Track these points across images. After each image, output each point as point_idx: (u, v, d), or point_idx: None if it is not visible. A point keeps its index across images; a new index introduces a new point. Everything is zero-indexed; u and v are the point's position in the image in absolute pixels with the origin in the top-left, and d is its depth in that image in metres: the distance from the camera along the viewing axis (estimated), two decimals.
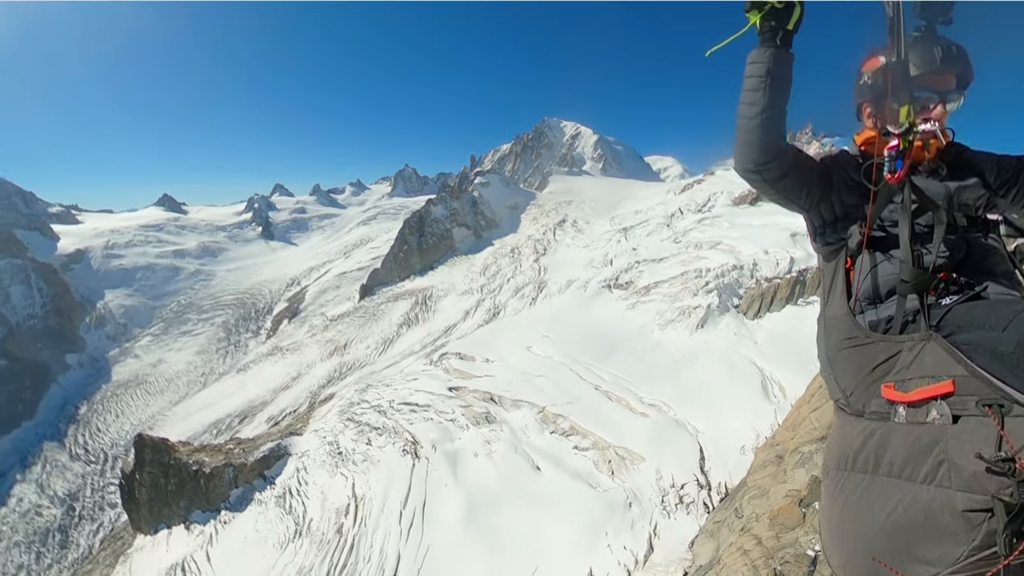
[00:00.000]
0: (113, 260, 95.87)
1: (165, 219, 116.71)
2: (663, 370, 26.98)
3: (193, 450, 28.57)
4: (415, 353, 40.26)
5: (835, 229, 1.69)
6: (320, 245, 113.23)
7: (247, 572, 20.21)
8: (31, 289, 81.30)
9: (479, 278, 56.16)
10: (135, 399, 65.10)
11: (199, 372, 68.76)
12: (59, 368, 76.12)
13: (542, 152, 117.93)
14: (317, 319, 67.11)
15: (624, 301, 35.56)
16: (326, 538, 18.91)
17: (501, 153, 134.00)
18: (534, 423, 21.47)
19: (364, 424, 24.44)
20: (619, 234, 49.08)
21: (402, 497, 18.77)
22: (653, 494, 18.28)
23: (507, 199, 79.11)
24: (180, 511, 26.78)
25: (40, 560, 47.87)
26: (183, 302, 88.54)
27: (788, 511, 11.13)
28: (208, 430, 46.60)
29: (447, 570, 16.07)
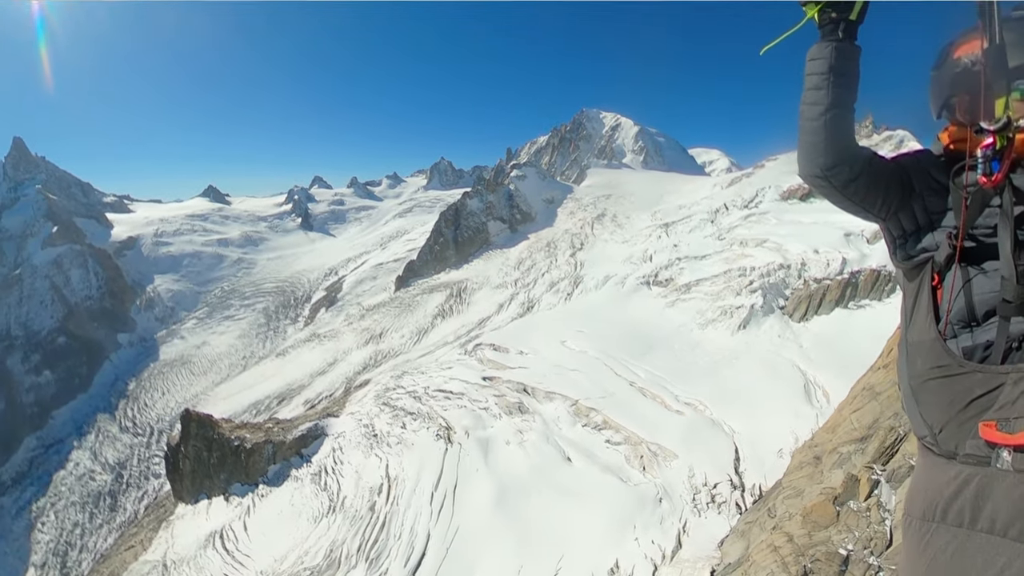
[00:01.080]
0: (162, 247, 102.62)
1: (210, 209, 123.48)
2: (701, 370, 26.80)
3: (235, 427, 30.48)
4: (449, 344, 41.31)
5: (918, 240, 1.51)
6: (357, 236, 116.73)
7: (282, 543, 21.60)
8: (88, 273, 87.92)
9: (513, 272, 56.79)
10: (180, 378, 69.89)
11: (240, 355, 72.95)
12: (112, 346, 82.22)
13: (580, 144, 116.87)
14: (354, 308, 69.58)
15: (663, 299, 35.35)
16: (359, 514, 19.98)
17: (538, 145, 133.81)
18: (567, 415, 21.86)
19: (399, 409, 25.51)
20: (660, 230, 48.54)
21: (434, 479, 19.60)
22: (684, 491, 18.37)
23: (543, 192, 79.26)
24: (220, 483, 28.62)
25: (93, 520, 53.54)
26: (226, 288, 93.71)
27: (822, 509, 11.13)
28: (248, 410, 49.35)
29: (475, 552, 16.73)
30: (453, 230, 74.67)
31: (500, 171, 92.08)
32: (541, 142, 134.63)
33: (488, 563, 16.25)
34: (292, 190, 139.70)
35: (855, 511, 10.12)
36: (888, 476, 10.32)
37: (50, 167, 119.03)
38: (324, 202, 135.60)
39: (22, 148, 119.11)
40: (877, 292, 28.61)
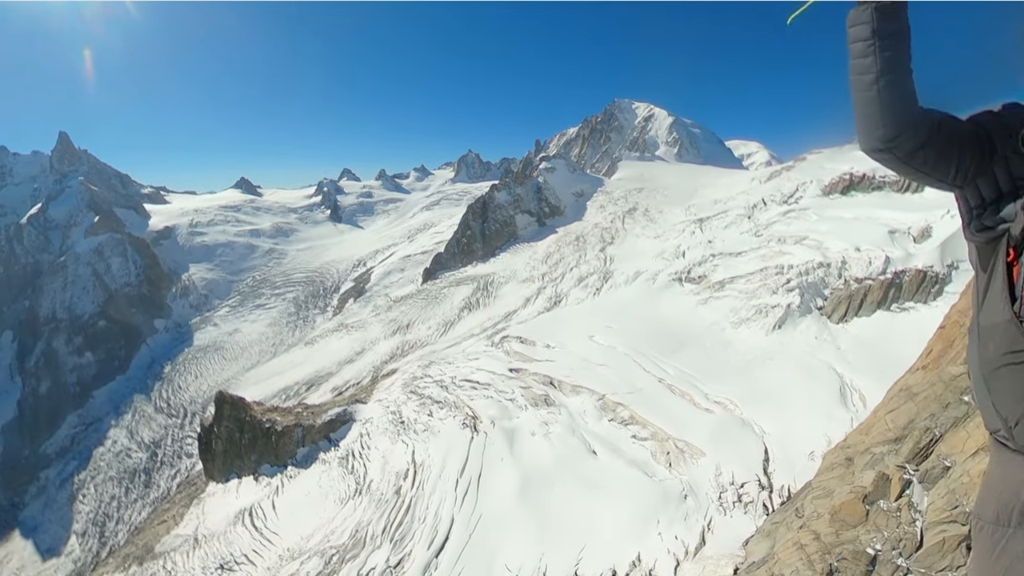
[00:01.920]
0: (196, 237, 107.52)
1: (242, 201, 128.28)
2: (733, 369, 26.65)
3: (266, 410, 31.91)
4: (475, 336, 42.07)
5: (998, 209, 1.37)
6: (385, 229, 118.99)
7: (308, 522, 22.68)
8: (127, 261, 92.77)
9: (541, 266, 57.10)
10: (213, 363, 73.38)
11: (270, 342, 76.00)
12: (148, 331, 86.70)
13: (611, 136, 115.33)
14: (381, 299, 71.27)
15: (695, 296, 35.10)
16: (384, 498, 20.83)
17: (567, 137, 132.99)
18: (593, 409, 22.16)
19: (426, 397, 26.31)
20: (694, 225, 47.95)
21: (459, 466, 20.25)
22: (711, 489, 18.46)
23: (573, 185, 79.02)
24: (250, 464, 30.07)
25: (128, 494, 57.69)
26: (258, 278, 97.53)
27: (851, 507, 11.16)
28: (277, 395, 51.38)
29: (497, 538, 17.29)
30: (480, 223, 75.38)
31: (528, 163, 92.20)
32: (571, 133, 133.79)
33: (510, 550, 16.77)
34: (321, 182, 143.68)
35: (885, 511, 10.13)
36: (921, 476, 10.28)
37: (92, 159, 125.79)
38: (353, 194, 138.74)
39: (66, 142, 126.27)
40: (923, 294, 27.69)
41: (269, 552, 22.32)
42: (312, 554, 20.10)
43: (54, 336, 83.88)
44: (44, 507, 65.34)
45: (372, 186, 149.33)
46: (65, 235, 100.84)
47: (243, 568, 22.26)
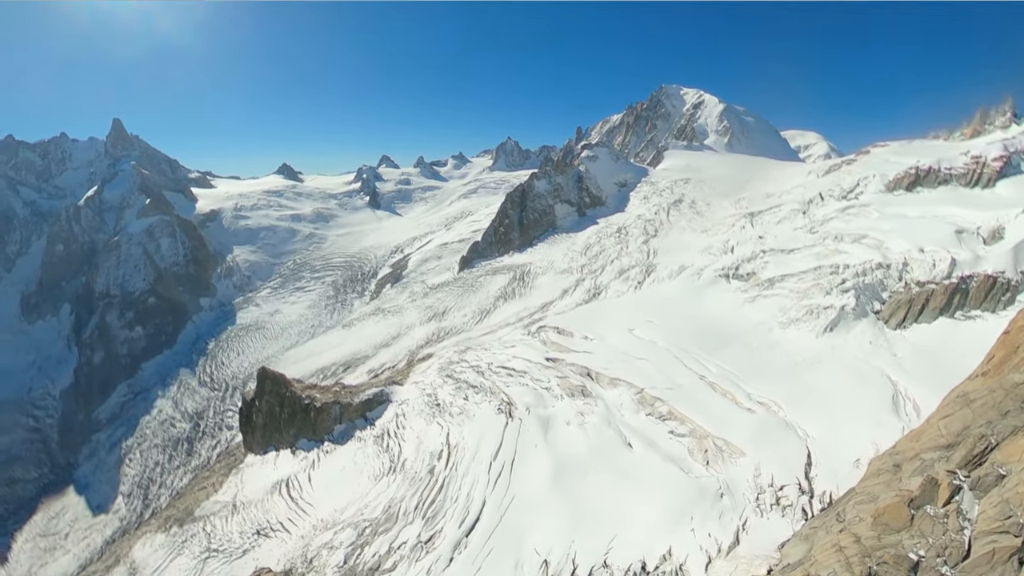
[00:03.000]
0: (240, 220, 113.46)
1: (284, 186, 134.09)
2: (778, 370, 26.24)
3: (306, 387, 33.58)
4: (510, 325, 42.69)
5: None
6: (422, 216, 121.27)
7: (343, 496, 23.94)
8: (176, 242, 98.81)
9: (580, 257, 57.07)
10: (254, 341, 77.65)
11: (309, 324, 79.67)
12: (194, 309, 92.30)
13: (658, 123, 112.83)
14: (418, 286, 73.01)
15: (743, 293, 34.51)
16: (418, 476, 21.79)
17: (611, 124, 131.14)
18: (630, 403, 22.37)
19: (462, 382, 27.16)
20: (744, 219, 46.80)
21: (493, 450, 20.95)
22: (748, 490, 18.45)
23: (616, 175, 78.13)
24: (288, 438, 31.79)
25: (171, 461, 62.43)
26: (298, 261, 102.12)
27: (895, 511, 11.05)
28: (315, 374, 53.72)
29: (528, 522, 17.88)
30: (519, 212, 75.73)
31: (569, 152, 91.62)
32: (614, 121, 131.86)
33: (540, 534, 17.33)
34: (361, 169, 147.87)
35: (931, 516, 10.06)
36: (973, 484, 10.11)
37: (143, 145, 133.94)
38: (391, 181, 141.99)
39: (120, 128, 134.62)
40: (991, 302, 26.29)
41: (304, 521, 23.74)
42: (346, 525, 21.29)
43: (108, 310, 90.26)
44: (95, 468, 71.15)
45: (410, 173, 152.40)
46: (119, 216, 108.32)
47: (278, 535, 23.77)
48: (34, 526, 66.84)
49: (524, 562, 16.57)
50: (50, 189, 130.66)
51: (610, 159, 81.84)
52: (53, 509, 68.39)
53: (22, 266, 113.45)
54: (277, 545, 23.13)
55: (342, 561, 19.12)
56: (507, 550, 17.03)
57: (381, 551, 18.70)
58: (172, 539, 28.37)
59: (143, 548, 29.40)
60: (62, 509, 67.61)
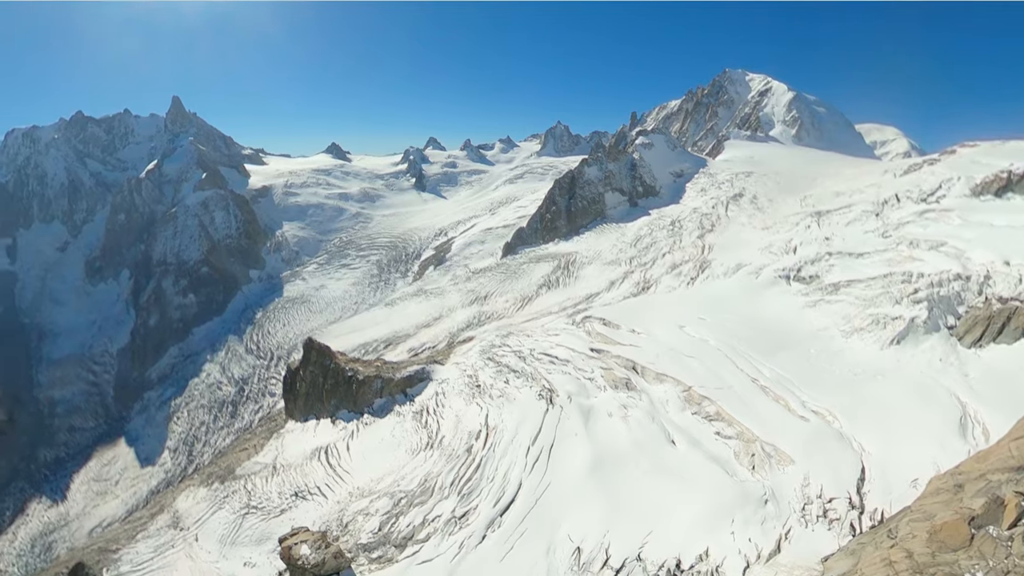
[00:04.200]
0: (290, 197, 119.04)
1: (333, 165, 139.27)
2: (837, 380, 25.42)
3: (349, 360, 35.02)
4: (553, 314, 42.95)
5: None
6: (467, 200, 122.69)
7: (380, 467, 25.00)
8: (229, 215, 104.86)
9: (629, 249, 56.48)
10: (299, 314, 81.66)
11: (353, 300, 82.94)
12: (244, 280, 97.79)
13: (719, 111, 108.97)
14: (460, 269, 74.27)
15: (804, 297, 33.40)
16: (455, 454, 22.52)
17: (668, 110, 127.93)
18: (676, 400, 22.27)
19: (503, 365, 27.72)
20: (810, 218, 44.96)
21: (532, 435, 21.39)
22: (794, 499, 18.13)
23: (671, 164, 76.35)
24: (329, 407, 33.30)
25: (216, 421, 67.78)
26: (344, 239, 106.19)
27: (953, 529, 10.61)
28: (357, 349, 55.84)
29: (563, 509, 18.22)
30: (567, 199, 75.40)
31: (622, 138, 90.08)
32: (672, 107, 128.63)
33: (574, 521, 17.65)
34: (408, 151, 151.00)
35: (994, 538, 9.65)
36: None
37: (200, 122, 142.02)
38: (437, 164, 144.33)
39: (179, 105, 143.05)
40: None
41: (340, 488, 24.97)
42: (382, 495, 22.29)
43: (164, 277, 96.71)
44: (145, 423, 77.08)
45: (457, 156, 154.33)
46: (176, 189, 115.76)
47: (315, 499, 25.10)
48: (89, 471, 73.46)
49: (556, 547, 16.95)
50: (114, 162, 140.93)
51: (666, 147, 79.93)
52: (106, 457, 74.82)
53: (87, 233, 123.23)
54: (314, 508, 24.45)
55: (377, 528, 20.09)
56: (540, 533, 17.45)
57: (415, 522, 19.53)
58: (214, 494, 30.35)
59: (186, 500, 31.58)
60: (114, 458, 73.86)
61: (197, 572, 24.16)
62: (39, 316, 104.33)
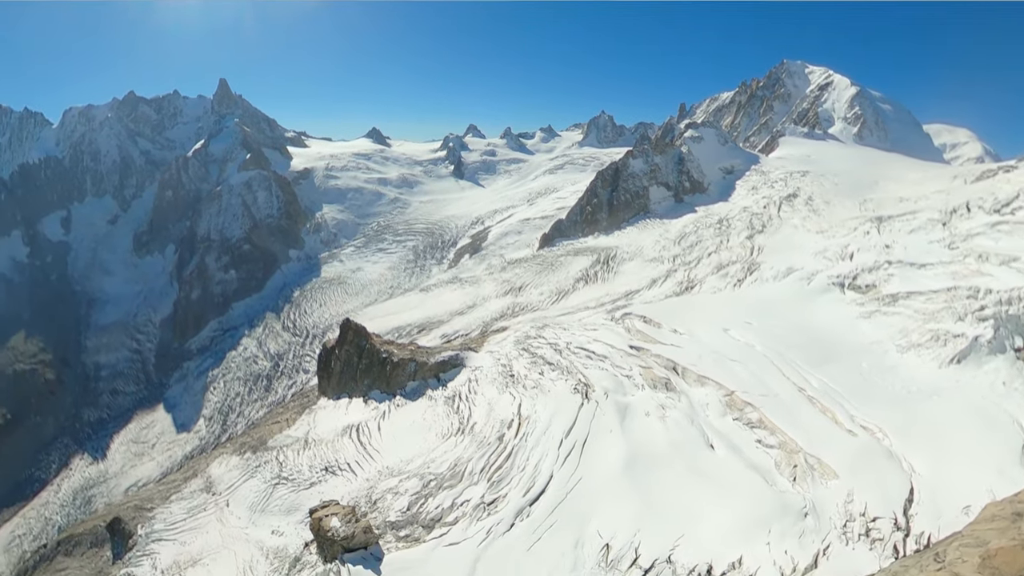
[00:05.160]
0: (330, 180, 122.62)
1: (373, 150, 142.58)
2: (889, 396, 24.59)
3: (384, 342, 35.91)
4: (590, 309, 42.82)
5: None
6: (505, 189, 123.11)
7: (410, 448, 25.62)
8: (271, 195, 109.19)
9: (673, 247, 55.60)
10: (335, 295, 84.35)
11: (388, 284, 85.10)
12: (283, 259, 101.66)
13: (775, 105, 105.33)
14: (496, 259, 74.82)
15: (858, 307, 32.24)
16: (486, 441, 22.88)
17: (720, 103, 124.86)
18: (717, 404, 21.99)
19: (538, 357, 27.90)
20: (870, 223, 43.17)
21: (565, 428, 21.52)
22: (836, 515, 17.73)
23: (722, 160, 74.39)
24: (362, 387, 34.26)
25: (251, 394, 71.61)
26: (382, 223, 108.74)
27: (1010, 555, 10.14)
28: (390, 332, 57.17)
29: (593, 504, 18.32)
30: (609, 192, 74.71)
31: (670, 130, 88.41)
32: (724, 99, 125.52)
33: (604, 517, 17.74)
34: (447, 137, 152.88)
35: None
36: None
37: (245, 104, 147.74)
38: (477, 151, 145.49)
39: (225, 87, 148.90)
40: None
41: (370, 466, 25.73)
42: (412, 475, 22.88)
43: (207, 253, 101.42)
44: (183, 391, 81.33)
45: (496, 144, 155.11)
46: (221, 168, 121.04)
47: (345, 474, 25.94)
48: (128, 432, 78.25)
49: (585, 542, 17.09)
50: (162, 141, 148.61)
51: (717, 141, 77.95)
52: (144, 421, 79.50)
53: (136, 208, 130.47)
54: (343, 483, 25.30)
55: (406, 507, 20.67)
56: (569, 526, 17.62)
57: (444, 505, 20.00)
58: (246, 462, 31.72)
59: (219, 466, 33.09)
60: (152, 422, 78.38)
61: (227, 536, 25.38)
62: (89, 284, 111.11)
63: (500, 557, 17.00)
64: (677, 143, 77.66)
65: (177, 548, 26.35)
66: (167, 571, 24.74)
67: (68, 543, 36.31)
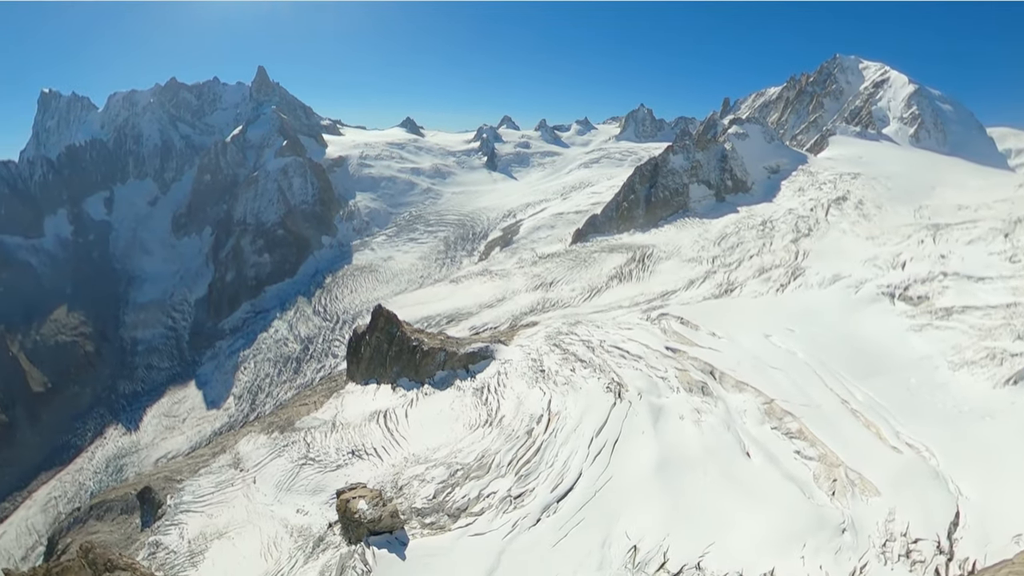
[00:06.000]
0: (364, 169, 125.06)
1: (406, 139, 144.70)
2: (938, 414, 23.82)
3: (415, 330, 36.51)
4: (623, 308, 42.56)
5: None
6: (539, 182, 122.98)
7: (437, 437, 26.08)
8: (306, 182, 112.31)
9: (712, 247, 54.69)
10: (366, 282, 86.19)
11: (418, 274, 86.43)
12: (316, 245, 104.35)
13: (825, 102, 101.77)
14: (527, 253, 74.93)
15: (909, 319, 31.21)
16: (515, 434, 23.09)
17: (766, 98, 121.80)
18: (755, 411, 21.68)
19: (570, 353, 27.97)
20: (924, 231, 41.62)
21: (596, 426, 21.55)
22: (875, 533, 17.34)
23: (767, 158, 72.53)
24: (391, 374, 34.98)
25: (280, 375, 74.14)
26: (414, 213, 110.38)
27: None
28: (419, 322, 57.94)
29: (622, 505, 18.31)
30: (647, 188, 73.78)
31: (712, 126, 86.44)
32: (771, 94, 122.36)
33: (633, 518, 17.73)
34: (481, 128, 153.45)
35: None
36: None
37: (282, 91, 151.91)
38: (510, 143, 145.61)
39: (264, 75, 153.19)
40: None
41: (396, 452, 26.28)
42: (438, 464, 23.27)
43: (242, 236, 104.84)
44: (215, 369, 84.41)
45: (531, 136, 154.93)
46: (258, 154, 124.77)
47: (371, 459, 26.55)
48: (161, 406, 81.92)
49: (612, 542, 17.13)
50: (202, 126, 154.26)
51: (762, 139, 75.99)
52: (176, 396, 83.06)
53: (176, 190, 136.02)
54: (369, 468, 25.92)
55: (432, 495, 21.05)
56: (597, 525, 17.68)
57: (471, 495, 20.30)
58: (273, 441, 32.78)
59: (247, 444, 34.27)
60: (183, 398, 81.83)
61: (252, 512, 26.32)
62: (129, 263, 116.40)
63: (525, 551, 17.18)
64: (720, 139, 76.00)
65: (204, 520, 27.50)
66: (194, 541, 25.84)
67: (100, 508, 38.28)
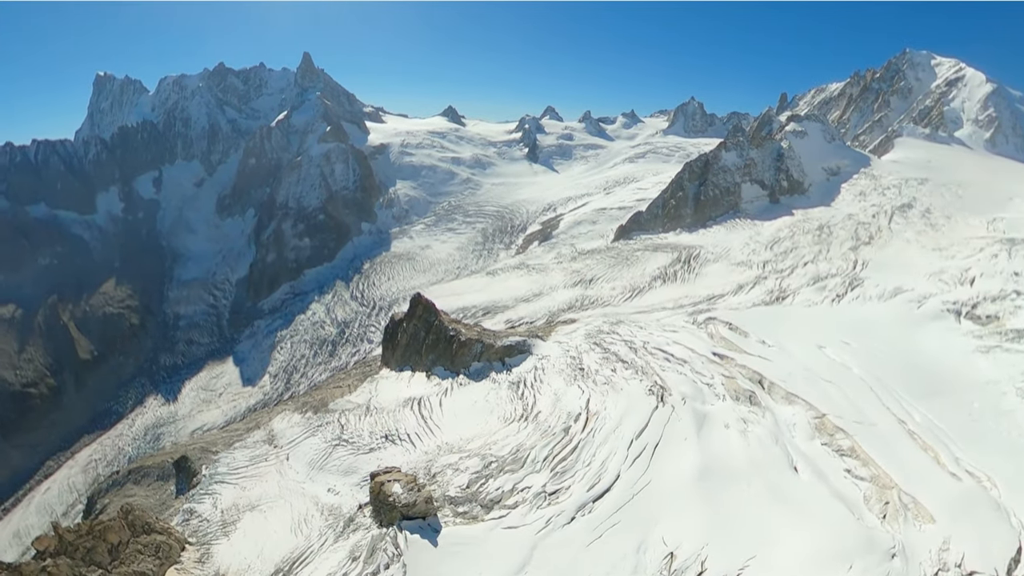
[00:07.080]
0: (405, 157, 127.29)
1: (447, 128, 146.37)
2: (1003, 443, 22.81)
3: (452, 320, 37.00)
4: (666, 310, 42.03)
5: None
6: (581, 176, 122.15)
7: (470, 428, 26.35)
8: (348, 168, 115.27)
9: (764, 251, 53.32)
10: (403, 270, 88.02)
11: (455, 264, 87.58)
12: (356, 231, 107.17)
13: (892, 100, 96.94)
14: (566, 248, 74.71)
15: (976, 339, 29.85)
16: (551, 431, 23.19)
17: (827, 94, 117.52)
18: (805, 426, 21.21)
19: (611, 353, 27.86)
20: (998, 245, 39.57)
21: (637, 429, 21.45)
22: (928, 561, 16.78)
23: (827, 159, 69.95)
24: (426, 362, 35.56)
25: (315, 357, 77.01)
26: (453, 203, 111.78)
27: None
28: (455, 313, 58.59)
29: (660, 510, 18.20)
30: (696, 185, 72.38)
31: (768, 122, 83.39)
32: (832, 90, 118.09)
33: (671, 525, 17.61)
34: (523, 119, 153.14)
35: None
36: None
37: (327, 78, 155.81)
38: (553, 135, 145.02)
39: (309, 61, 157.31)
40: None
41: (430, 440, 26.68)
42: (472, 454, 23.56)
43: (284, 219, 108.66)
44: (252, 347, 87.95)
45: (574, 128, 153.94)
46: (302, 139, 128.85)
47: (404, 444, 27.03)
48: (199, 380, 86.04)
49: (648, 547, 17.07)
50: (248, 111, 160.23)
51: (822, 138, 73.28)
52: (214, 371, 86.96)
53: (221, 172, 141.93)
54: (402, 453, 26.44)
55: (465, 484, 21.37)
56: (633, 529, 17.64)
57: (505, 488, 20.51)
58: (307, 421, 33.77)
59: (281, 422, 35.40)
60: (221, 373, 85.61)
61: (284, 488, 27.21)
62: (174, 241, 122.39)
63: (558, 548, 17.31)
64: (776, 137, 73.73)
65: (237, 492, 28.59)
66: (227, 511, 26.90)
67: (138, 472, 40.31)
